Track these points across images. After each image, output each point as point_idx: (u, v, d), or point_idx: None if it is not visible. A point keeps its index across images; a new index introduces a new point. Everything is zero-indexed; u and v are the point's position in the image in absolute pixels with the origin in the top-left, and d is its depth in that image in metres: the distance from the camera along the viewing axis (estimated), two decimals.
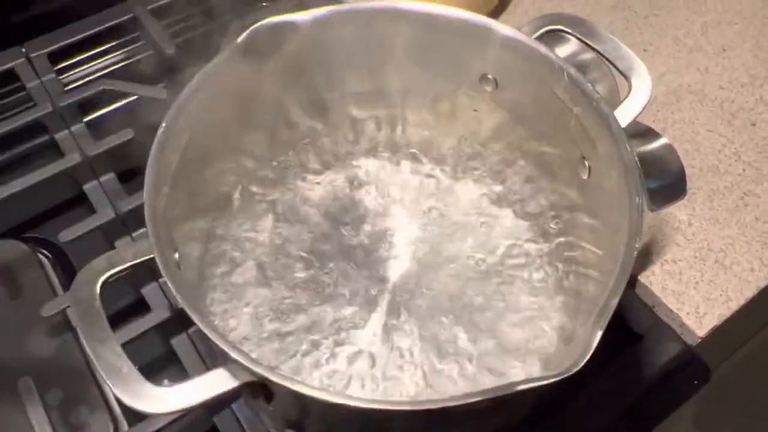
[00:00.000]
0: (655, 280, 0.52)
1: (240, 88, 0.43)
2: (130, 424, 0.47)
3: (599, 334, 0.31)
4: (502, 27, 0.42)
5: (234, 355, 0.30)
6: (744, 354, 0.60)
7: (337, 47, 0.45)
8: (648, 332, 0.51)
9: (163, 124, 0.37)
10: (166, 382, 0.31)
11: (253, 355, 0.35)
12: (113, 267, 0.34)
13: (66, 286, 0.53)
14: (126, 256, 0.34)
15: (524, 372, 0.43)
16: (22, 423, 0.45)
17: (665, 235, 0.54)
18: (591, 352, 0.30)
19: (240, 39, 0.41)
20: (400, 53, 0.46)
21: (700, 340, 0.50)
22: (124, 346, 0.33)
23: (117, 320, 0.40)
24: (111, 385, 0.29)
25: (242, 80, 0.42)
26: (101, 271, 0.33)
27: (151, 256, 0.34)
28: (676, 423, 0.50)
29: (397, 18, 0.44)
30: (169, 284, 0.32)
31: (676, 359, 0.49)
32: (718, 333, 0.51)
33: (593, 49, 0.41)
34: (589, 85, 0.38)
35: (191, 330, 0.50)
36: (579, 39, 0.41)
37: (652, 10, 0.69)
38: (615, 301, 0.32)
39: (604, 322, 0.31)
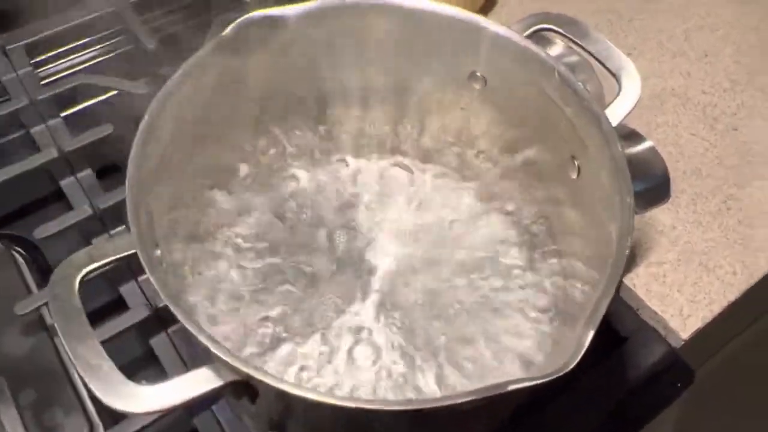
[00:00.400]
0: (639, 282, 0.52)
1: (225, 82, 0.42)
2: (106, 426, 0.46)
3: (591, 333, 0.31)
4: (492, 24, 0.42)
5: (220, 353, 0.29)
6: (726, 355, 0.60)
7: (325, 42, 0.44)
8: (632, 335, 0.50)
9: (146, 117, 0.36)
10: (143, 382, 0.30)
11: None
12: (93, 262, 0.33)
13: (41, 285, 0.51)
14: (107, 251, 0.33)
15: (504, 373, 0.43)
16: None
17: (649, 238, 0.54)
18: (583, 351, 0.30)
19: (226, 32, 0.40)
20: (388, 49, 0.45)
21: (683, 342, 0.50)
22: (101, 345, 0.32)
23: (94, 319, 0.39)
24: (90, 385, 0.28)
25: (227, 74, 0.42)
26: (81, 266, 0.32)
27: (133, 251, 0.33)
28: (659, 425, 0.50)
29: (386, 13, 0.44)
30: (152, 280, 0.31)
31: (661, 362, 0.49)
32: (701, 335, 0.51)
33: (583, 48, 0.41)
34: (580, 84, 0.38)
35: (171, 329, 0.49)
36: (569, 38, 0.41)
37: (636, 13, 0.69)
38: (607, 301, 0.32)
39: (596, 322, 0.31)
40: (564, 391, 0.47)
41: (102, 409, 0.47)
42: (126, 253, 0.33)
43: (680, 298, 0.51)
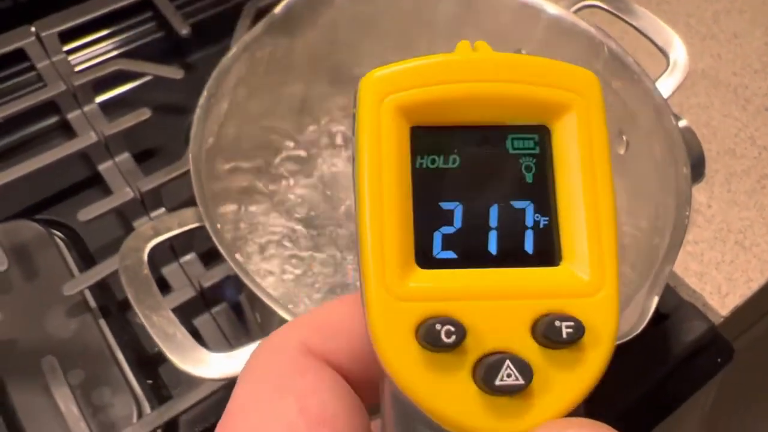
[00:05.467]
0: (677, 260, 0.52)
1: (276, 60, 0.42)
2: (152, 406, 0.46)
3: (656, 299, 0.31)
4: (545, 3, 0.42)
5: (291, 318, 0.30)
6: (763, 332, 0.61)
7: (372, 20, 0.45)
8: (673, 312, 0.51)
9: (205, 93, 0.37)
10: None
11: None
12: (159, 235, 0.33)
13: (82, 268, 0.52)
14: (171, 224, 0.34)
15: None
16: (47, 402, 0.44)
17: None
18: (649, 317, 0.30)
19: (276, 10, 0.40)
20: (436, 28, 0.45)
21: (723, 320, 0.51)
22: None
23: None
24: (167, 352, 0.29)
25: (278, 52, 0.42)
26: (148, 239, 0.33)
27: (197, 224, 0.33)
28: (698, 401, 0.50)
29: None
30: (224, 254, 0.31)
31: (702, 338, 0.49)
32: (740, 312, 0.52)
33: (629, 24, 0.42)
34: (630, 58, 0.38)
35: (214, 310, 0.50)
36: (615, 15, 0.42)
37: None
38: (669, 268, 0.32)
39: (660, 289, 0.31)
40: (607, 366, 0.47)
41: (148, 389, 0.48)
42: (191, 226, 0.34)
43: (718, 276, 0.52)
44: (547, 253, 0.16)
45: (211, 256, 0.50)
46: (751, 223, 0.54)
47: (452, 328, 0.15)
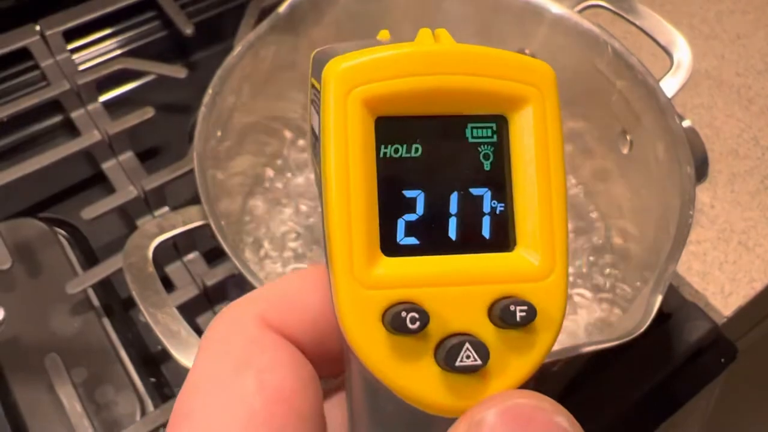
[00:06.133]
0: (680, 260, 0.52)
1: (280, 59, 0.42)
2: (156, 404, 0.46)
3: (660, 298, 0.31)
4: (548, 3, 0.42)
5: None
6: (766, 332, 0.61)
7: (375, 20, 0.45)
8: (675, 311, 0.51)
9: (209, 91, 0.37)
10: None
11: None
12: (164, 232, 0.33)
13: (85, 266, 0.52)
14: (175, 222, 0.34)
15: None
16: (50, 400, 0.45)
17: None
18: (653, 316, 0.30)
19: (281, 9, 0.40)
20: (440, 26, 0.45)
21: (726, 320, 0.51)
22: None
23: None
24: (170, 349, 0.29)
25: (282, 51, 0.42)
26: (153, 236, 0.33)
27: (202, 222, 0.33)
28: (701, 400, 0.50)
29: None
30: (228, 251, 0.31)
31: (705, 338, 0.49)
32: (743, 313, 0.52)
33: (633, 24, 0.42)
34: (634, 57, 0.38)
35: (218, 308, 0.50)
36: (619, 15, 0.42)
37: None
38: (673, 267, 0.32)
39: (664, 287, 0.31)
40: (610, 366, 0.48)
41: (152, 387, 0.48)
42: (195, 224, 0.34)
43: (721, 276, 0.52)
44: (503, 239, 0.17)
45: (214, 255, 0.50)
46: (755, 224, 0.54)
47: (416, 315, 0.16)
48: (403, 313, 0.16)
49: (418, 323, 0.16)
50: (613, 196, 0.45)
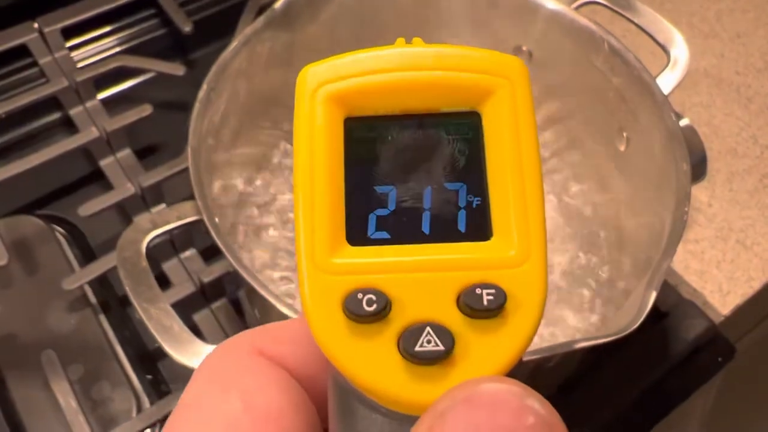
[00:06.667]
0: (677, 259, 0.52)
1: (276, 55, 0.42)
2: (152, 400, 0.46)
3: (654, 294, 0.31)
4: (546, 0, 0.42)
5: (289, 312, 0.30)
6: (764, 332, 0.60)
7: (371, 17, 0.45)
8: (673, 310, 0.51)
9: (204, 86, 0.37)
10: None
11: None
12: (157, 227, 0.33)
13: (82, 263, 0.52)
14: (169, 217, 0.34)
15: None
16: (46, 396, 0.45)
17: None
18: (647, 311, 0.30)
19: (277, 5, 0.40)
20: (436, 23, 0.46)
21: (723, 319, 0.50)
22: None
23: None
24: (163, 343, 0.29)
25: (278, 47, 0.42)
26: (146, 231, 0.33)
27: (196, 218, 0.33)
28: (698, 399, 0.50)
29: None
30: (221, 247, 0.31)
31: (702, 336, 0.49)
32: (741, 311, 0.51)
33: (631, 21, 0.42)
34: (631, 54, 0.38)
35: (214, 305, 0.50)
36: (616, 11, 0.41)
37: None
38: (667, 263, 0.32)
39: (658, 284, 0.31)
40: (607, 363, 0.47)
41: (147, 384, 0.48)
42: (189, 220, 0.34)
43: (719, 274, 0.52)
44: (478, 231, 0.17)
45: (211, 252, 0.50)
46: (753, 222, 0.54)
47: (374, 297, 0.16)
48: (360, 295, 0.16)
49: (375, 306, 0.16)
50: (610, 193, 0.45)
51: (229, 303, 0.50)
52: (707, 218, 0.54)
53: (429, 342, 0.16)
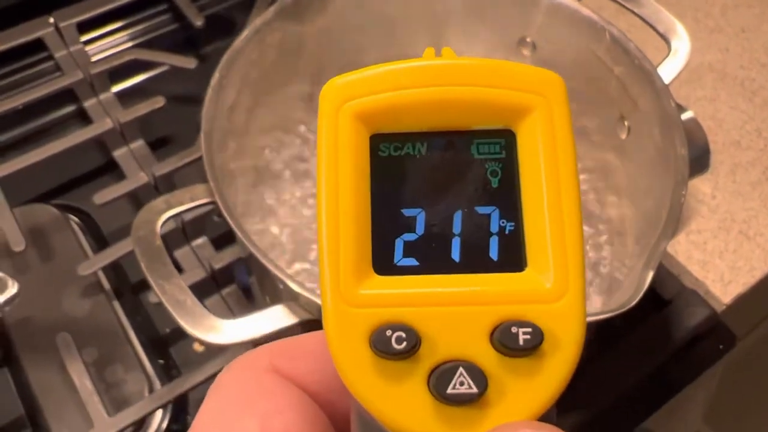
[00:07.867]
0: (680, 249, 0.53)
1: (286, 46, 0.43)
2: (163, 382, 0.48)
3: (651, 273, 0.32)
4: None
5: (303, 291, 0.31)
6: (766, 322, 0.61)
7: (379, 9, 0.46)
8: (675, 298, 0.51)
9: (216, 74, 0.38)
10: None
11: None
12: (171, 208, 0.34)
13: (96, 250, 0.53)
14: (183, 199, 0.35)
15: None
16: (61, 378, 0.46)
17: (689, 207, 0.55)
18: (644, 290, 0.31)
19: None
20: (442, 14, 0.47)
21: (725, 307, 0.51)
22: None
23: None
24: (178, 318, 0.30)
25: (288, 38, 0.43)
26: (161, 211, 0.34)
27: (209, 200, 0.34)
28: (699, 388, 0.51)
29: None
30: (234, 229, 0.32)
31: (703, 324, 0.50)
32: (742, 301, 0.52)
33: (633, 12, 0.42)
34: (632, 43, 0.39)
35: (225, 291, 0.51)
36: (618, 2, 0.42)
37: None
38: (665, 244, 0.33)
39: (655, 264, 0.32)
40: (609, 350, 0.48)
41: (159, 367, 0.49)
42: (202, 201, 0.35)
43: (721, 264, 0.52)
44: (512, 260, 0.16)
45: (222, 239, 0.52)
46: (756, 213, 0.55)
47: (403, 335, 0.15)
48: (388, 332, 0.15)
49: (404, 344, 0.15)
50: (611, 180, 0.45)
51: (240, 290, 0.51)
52: (710, 209, 0.55)
53: (462, 384, 0.15)
